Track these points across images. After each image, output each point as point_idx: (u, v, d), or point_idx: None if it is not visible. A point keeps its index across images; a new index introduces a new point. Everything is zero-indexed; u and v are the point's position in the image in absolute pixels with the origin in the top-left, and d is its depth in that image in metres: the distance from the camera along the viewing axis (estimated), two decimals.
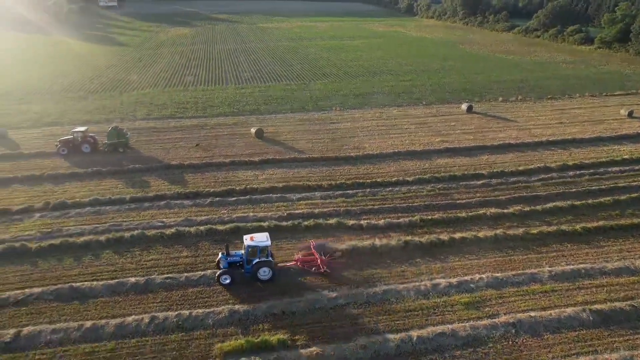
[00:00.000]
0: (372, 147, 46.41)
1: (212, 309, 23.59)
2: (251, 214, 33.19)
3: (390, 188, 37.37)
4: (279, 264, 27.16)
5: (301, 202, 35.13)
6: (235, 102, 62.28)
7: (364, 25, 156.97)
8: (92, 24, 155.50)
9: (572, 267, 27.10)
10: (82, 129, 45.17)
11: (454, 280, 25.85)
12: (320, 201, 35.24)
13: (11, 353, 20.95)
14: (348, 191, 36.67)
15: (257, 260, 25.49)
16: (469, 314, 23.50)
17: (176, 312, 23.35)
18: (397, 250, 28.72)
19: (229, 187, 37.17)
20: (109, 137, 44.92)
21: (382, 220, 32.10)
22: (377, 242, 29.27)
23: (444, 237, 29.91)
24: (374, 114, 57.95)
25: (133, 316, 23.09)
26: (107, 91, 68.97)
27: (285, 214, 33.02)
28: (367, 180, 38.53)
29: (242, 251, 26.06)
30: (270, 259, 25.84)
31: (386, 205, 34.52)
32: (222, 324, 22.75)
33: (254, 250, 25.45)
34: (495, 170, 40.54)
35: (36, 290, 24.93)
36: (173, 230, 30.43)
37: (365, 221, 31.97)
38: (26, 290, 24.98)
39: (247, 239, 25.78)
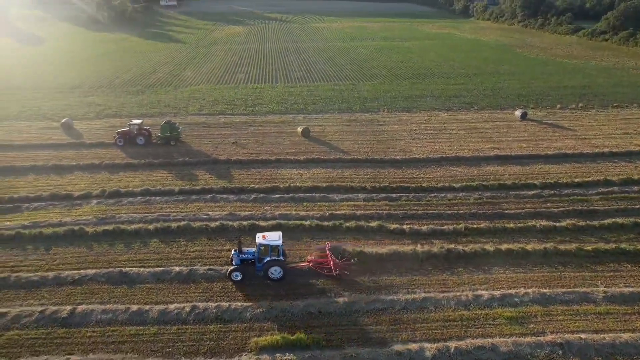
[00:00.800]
0: (419, 151, 45.51)
1: (250, 303, 24.09)
2: (293, 212, 33.53)
3: (435, 194, 36.49)
4: (291, 264, 27.04)
5: (343, 203, 35.07)
6: (284, 101, 63.14)
7: (416, 26, 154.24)
8: (153, 22, 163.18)
9: (631, 289, 25.24)
10: (138, 121, 47.47)
11: (497, 293, 24.85)
12: (362, 203, 35.02)
13: (67, 328, 22.46)
14: (392, 194, 36.18)
15: (268, 259, 25.51)
16: (511, 329, 22.51)
17: (216, 304, 24.04)
18: (439, 258, 28.00)
19: (273, 184, 37.74)
20: (162, 131, 46.94)
21: (425, 226, 31.41)
22: (419, 248, 28.69)
23: (489, 247, 28.80)
24: (423, 117, 56.80)
25: (175, 304, 24.02)
26: (163, 86, 72.08)
27: (327, 214, 33.09)
28: (412, 185, 37.83)
29: (255, 249, 26.18)
30: (281, 258, 25.77)
31: (430, 211, 33.75)
32: (259, 318, 23.17)
33: (266, 248, 25.49)
34: (548, 181, 38.51)
35: (90, 271, 26.54)
36: (217, 223, 31.31)
37: (408, 226, 31.41)
38: (82, 271, 26.67)
39: (260, 237, 25.81)
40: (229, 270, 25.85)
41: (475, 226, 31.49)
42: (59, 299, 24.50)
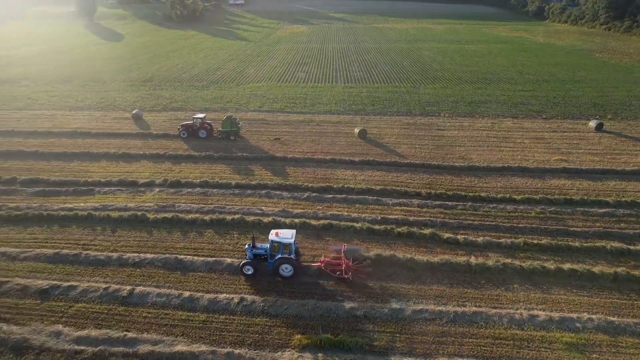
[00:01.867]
0: (479, 158, 43.68)
1: (296, 300, 24.35)
2: (345, 213, 33.45)
3: (494, 204, 34.85)
4: (304, 263, 26.93)
5: (397, 207, 34.46)
6: (342, 101, 63.13)
7: (484, 29, 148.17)
8: (221, 20, 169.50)
9: None
10: (201, 115, 49.49)
11: (556, 315, 23.30)
12: (416, 209, 34.21)
13: (125, 306, 23.98)
14: (447, 202, 35.03)
15: (280, 256, 25.51)
16: (570, 356, 21.01)
17: (263, 298, 24.55)
18: (494, 272, 26.73)
19: (327, 184, 37.85)
20: (223, 125, 48.62)
21: (481, 238, 30.10)
22: (473, 260, 27.54)
23: (550, 265, 27.05)
24: (485, 123, 54.43)
25: (225, 294, 24.82)
26: (226, 82, 74.64)
27: (379, 217, 32.68)
28: (470, 193, 36.40)
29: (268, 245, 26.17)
30: (292, 256, 25.55)
31: (487, 223, 32.29)
32: (304, 316, 23.36)
33: (278, 246, 25.49)
34: (624, 200, 35.50)
35: (149, 256, 28.07)
36: (270, 219, 31.91)
37: (462, 236, 30.26)
38: (141, 254, 28.29)
39: (272, 234, 25.71)
40: (242, 263, 26.21)
41: (535, 242, 29.70)
42: (121, 279, 26.16)
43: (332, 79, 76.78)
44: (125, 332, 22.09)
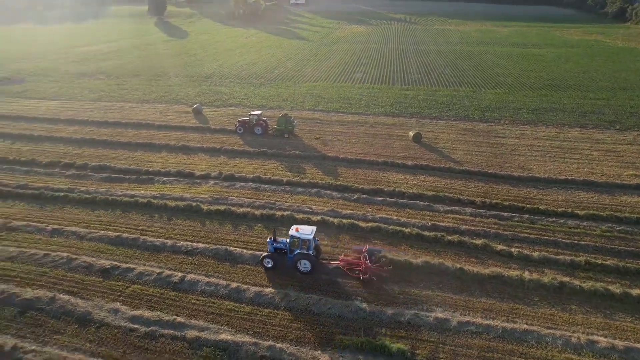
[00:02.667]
0: (541, 169, 41.41)
1: (340, 301, 24.36)
2: (395, 217, 32.99)
3: (553, 219, 32.90)
4: (323, 260, 27.20)
5: (449, 214, 33.49)
6: (398, 103, 62.23)
7: (555, 32, 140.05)
8: (282, 20, 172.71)
9: None
10: (258, 112, 50.72)
11: (620, 344, 21.59)
12: (469, 218, 33.05)
13: (176, 292, 25.14)
14: (503, 213, 33.52)
15: (298, 251, 25.75)
16: None
17: (308, 295, 24.78)
18: (549, 290, 25.26)
19: (378, 186, 37.51)
20: (278, 123, 49.55)
21: (537, 253, 28.54)
22: (527, 275, 26.19)
23: (615, 289, 25.10)
24: (550, 132, 51.48)
25: (270, 288, 25.33)
26: (284, 81, 75.97)
27: (429, 224, 31.93)
28: (527, 205, 34.57)
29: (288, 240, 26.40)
30: (310, 252, 25.72)
31: (545, 237, 30.56)
32: (347, 317, 23.33)
33: (297, 241, 25.76)
34: None
35: (201, 245, 29.22)
36: (319, 218, 32.12)
37: (517, 249, 28.85)
38: (194, 243, 29.51)
39: (293, 230, 26.06)
40: (262, 256, 26.79)
41: (599, 262, 27.70)
42: (173, 265, 27.44)
43: (389, 81, 75.90)
44: (175, 316, 23.16)
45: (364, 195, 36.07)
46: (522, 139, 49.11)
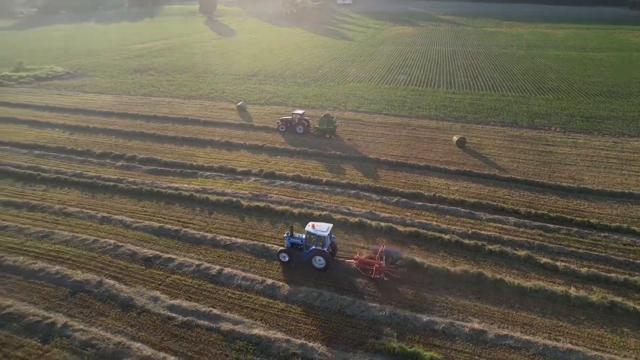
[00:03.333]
0: (593, 180, 39.21)
1: (374, 304, 24.11)
2: (434, 222, 32.28)
3: (605, 234, 31.04)
4: (339, 258, 27.47)
5: (490, 223, 32.38)
6: (443, 107, 60.87)
7: (617, 34, 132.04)
8: (328, 20, 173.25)
9: None
10: (300, 112, 51.11)
11: None
12: (512, 227, 31.81)
13: (213, 284, 25.77)
14: (549, 224, 32.01)
15: (314, 247, 26.08)
16: None
17: (342, 296, 24.70)
18: (598, 309, 23.85)
19: (418, 190, 36.84)
20: (320, 123, 49.73)
21: (585, 269, 27.04)
22: (573, 291, 24.86)
23: None
24: (605, 142, 48.64)
25: (305, 287, 25.45)
26: (327, 81, 76.17)
27: (470, 231, 31.01)
28: (577, 218, 32.83)
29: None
30: (325, 249, 25.97)
31: (595, 253, 28.89)
32: (380, 321, 23.07)
33: (312, 237, 26.12)
34: None
35: (239, 240, 29.81)
36: (357, 219, 31.94)
37: (563, 264, 27.46)
38: (232, 238, 30.14)
39: (309, 226, 26.30)
40: (279, 250, 27.41)
41: None
42: (212, 258, 28.15)
43: (435, 83, 74.40)
44: (211, 308, 23.75)
45: (404, 199, 35.53)
46: (574, 148, 46.70)
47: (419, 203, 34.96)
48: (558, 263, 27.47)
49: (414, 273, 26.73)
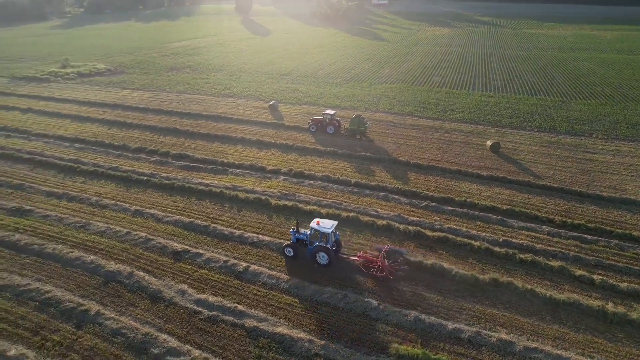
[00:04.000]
0: (638, 191, 37.29)
1: (399, 309, 23.79)
2: (464, 228, 31.55)
3: None
4: (343, 255, 27.79)
5: (523, 231, 31.35)
6: (477, 110, 59.44)
7: None
8: (363, 20, 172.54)
9: None
10: (331, 112, 51.06)
11: None
12: (546, 237, 30.69)
13: (239, 281, 26.11)
14: (585, 235, 30.68)
15: (317, 243, 26.50)
16: None
17: (366, 299, 24.49)
18: (638, 327, 22.66)
19: (448, 195, 36.13)
20: (351, 124, 49.52)
21: (625, 284, 25.74)
22: (610, 307, 23.73)
23: None
24: None
25: (330, 288, 25.39)
26: (359, 81, 75.81)
27: (500, 239, 30.13)
28: (617, 230, 31.29)
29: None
30: (329, 245, 26.33)
31: (636, 268, 27.45)
32: (404, 326, 22.75)
33: (316, 233, 26.54)
34: None
35: (266, 238, 30.08)
36: (384, 222, 31.62)
37: (600, 277, 26.25)
38: (260, 236, 30.45)
39: (314, 223, 26.74)
40: (284, 245, 27.87)
41: None
42: (239, 255, 28.52)
43: (469, 86, 72.80)
44: (236, 304, 24.05)
45: (433, 203, 34.92)
46: (617, 156, 44.59)
47: (449, 208, 34.26)
48: (595, 276, 26.28)
49: (440, 279, 26.25)
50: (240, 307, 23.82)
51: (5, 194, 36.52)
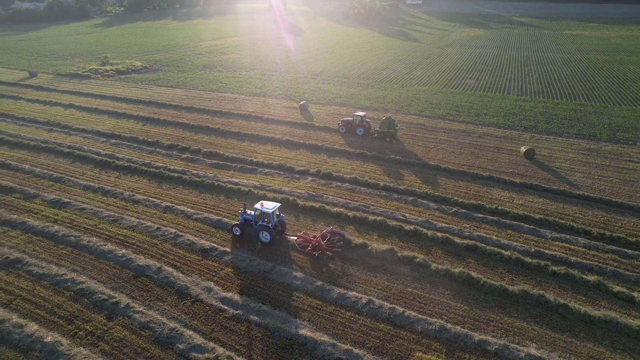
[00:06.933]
0: None
1: (425, 317, 23.38)
2: (494, 237, 30.69)
3: None
4: (286, 235, 30.21)
5: (557, 242, 30.22)
6: (512, 115, 57.75)
7: None
8: (396, 20, 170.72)
9: None
10: (362, 114, 50.69)
11: None
12: (582, 249, 29.47)
13: (265, 280, 26.27)
14: (626, 250, 29.28)
15: (261, 223, 28.68)
16: None
17: (391, 305, 24.18)
18: None
19: (479, 202, 35.26)
20: (381, 126, 49.05)
21: None
22: None
23: None
24: None
25: (354, 292, 25.20)
26: (391, 83, 75.03)
27: (532, 249, 29.15)
28: None
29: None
30: (270, 225, 28.57)
31: None
32: (429, 335, 22.34)
33: (260, 214, 28.81)
34: None
35: (293, 238, 30.15)
36: (412, 227, 31.15)
37: None
38: (287, 236, 30.49)
39: (258, 204, 29.06)
40: (232, 224, 30.34)
41: None
42: (265, 254, 28.69)
43: (504, 89, 70.85)
44: (261, 304, 24.22)
45: (463, 210, 34.14)
46: None
47: (479, 215, 33.42)
48: (635, 294, 25.06)
49: (467, 288, 25.63)
50: (264, 307, 23.97)
51: (47, 186, 38.13)
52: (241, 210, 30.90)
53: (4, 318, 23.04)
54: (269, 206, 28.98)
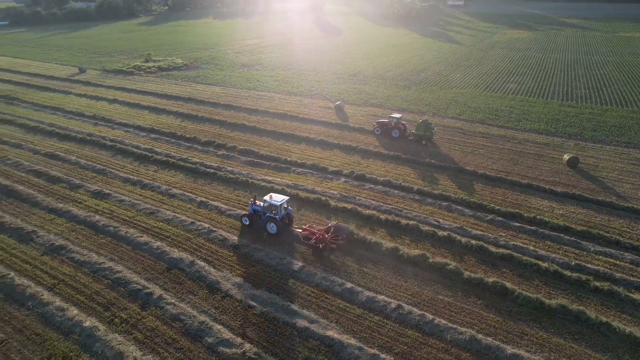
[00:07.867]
0: None
1: (455, 326, 22.82)
2: (531, 247, 29.55)
3: None
4: (292, 227, 31.10)
5: (600, 256, 28.76)
6: (555, 121, 55.45)
7: None
8: (436, 21, 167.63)
9: None
10: (398, 115, 50.02)
11: None
12: (628, 265, 27.91)
13: (294, 279, 26.36)
14: None
15: (269, 214, 29.76)
16: None
17: (421, 312, 23.74)
18: None
19: (517, 210, 34.05)
20: (417, 129, 48.25)
21: None
22: None
23: None
24: None
25: (383, 296, 24.90)
26: (429, 85, 73.70)
27: (573, 262, 27.86)
28: None
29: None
30: (277, 217, 29.53)
31: None
32: (459, 344, 21.78)
33: (268, 206, 29.84)
34: None
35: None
36: (445, 233, 30.48)
37: None
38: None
39: (267, 196, 30.07)
40: (242, 214, 31.51)
41: None
42: (295, 254, 28.79)
43: (548, 94, 68.16)
44: (289, 303, 24.33)
45: (499, 218, 33.07)
46: None
47: (516, 224, 32.26)
48: None
49: (501, 299, 24.79)
50: (292, 306, 24.06)
51: (90, 177, 39.81)
52: (251, 201, 31.86)
53: (48, 301, 24.24)
54: (278, 199, 30.03)
